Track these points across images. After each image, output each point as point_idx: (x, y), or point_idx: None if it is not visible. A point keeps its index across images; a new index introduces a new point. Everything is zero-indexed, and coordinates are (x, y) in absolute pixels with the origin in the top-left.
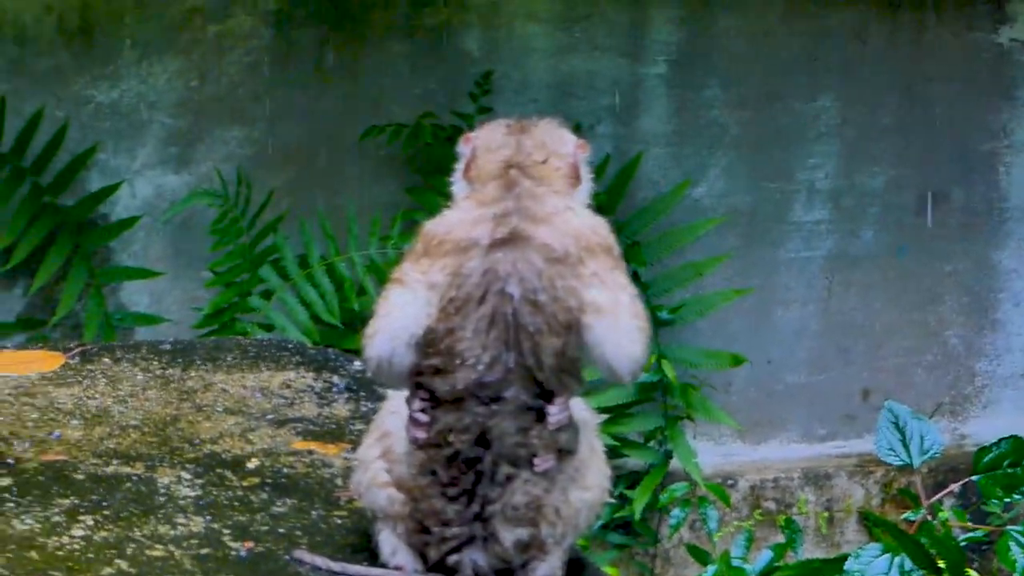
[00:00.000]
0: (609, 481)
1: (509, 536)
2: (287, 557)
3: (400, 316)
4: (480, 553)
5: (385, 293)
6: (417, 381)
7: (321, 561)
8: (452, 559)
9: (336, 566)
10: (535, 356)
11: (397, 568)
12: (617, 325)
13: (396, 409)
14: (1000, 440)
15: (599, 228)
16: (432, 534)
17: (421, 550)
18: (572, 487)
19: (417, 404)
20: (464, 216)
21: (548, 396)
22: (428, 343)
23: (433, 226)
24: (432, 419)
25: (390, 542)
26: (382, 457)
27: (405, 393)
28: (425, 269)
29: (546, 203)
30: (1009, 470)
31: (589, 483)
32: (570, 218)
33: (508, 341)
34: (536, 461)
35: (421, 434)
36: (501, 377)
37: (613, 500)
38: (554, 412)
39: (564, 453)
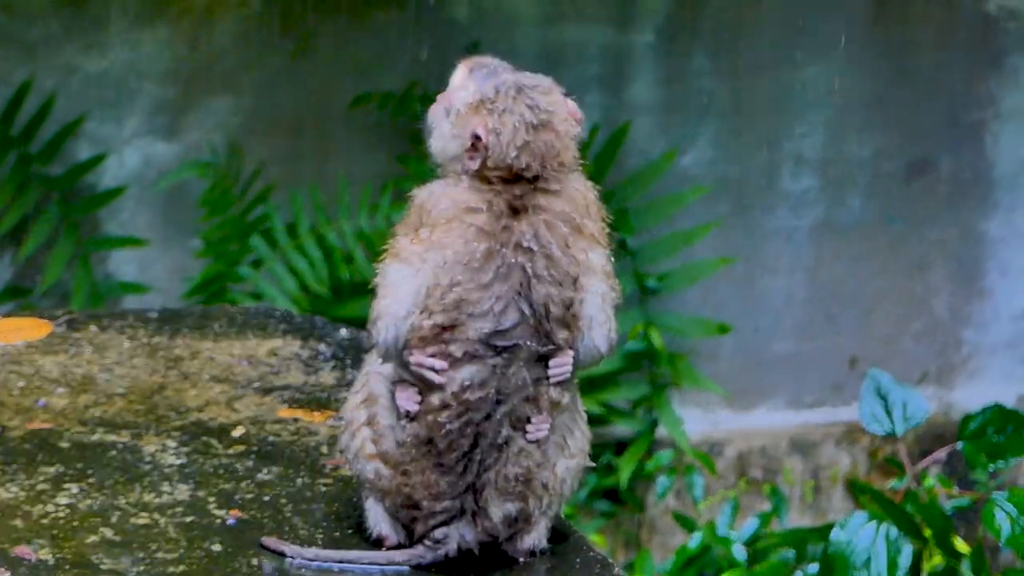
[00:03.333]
0: (589, 445)
1: (498, 511)
2: (258, 543)
3: (401, 298)
4: (468, 528)
5: (384, 270)
6: (419, 347)
7: (289, 550)
8: (438, 533)
9: (309, 553)
10: (545, 305)
11: (380, 539)
12: (603, 303)
13: (380, 370)
14: (985, 408)
15: (590, 192)
16: (421, 508)
17: (407, 523)
18: (559, 456)
19: (438, 364)
20: (466, 194)
21: (550, 351)
22: (431, 302)
23: (430, 198)
24: (444, 382)
25: (375, 511)
26: (368, 424)
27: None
28: (423, 239)
29: (558, 180)
30: (994, 437)
31: (573, 450)
32: (577, 184)
33: (521, 290)
34: (530, 428)
35: (413, 406)
36: (516, 323)
37: (595, 465)
38: (556, 364)
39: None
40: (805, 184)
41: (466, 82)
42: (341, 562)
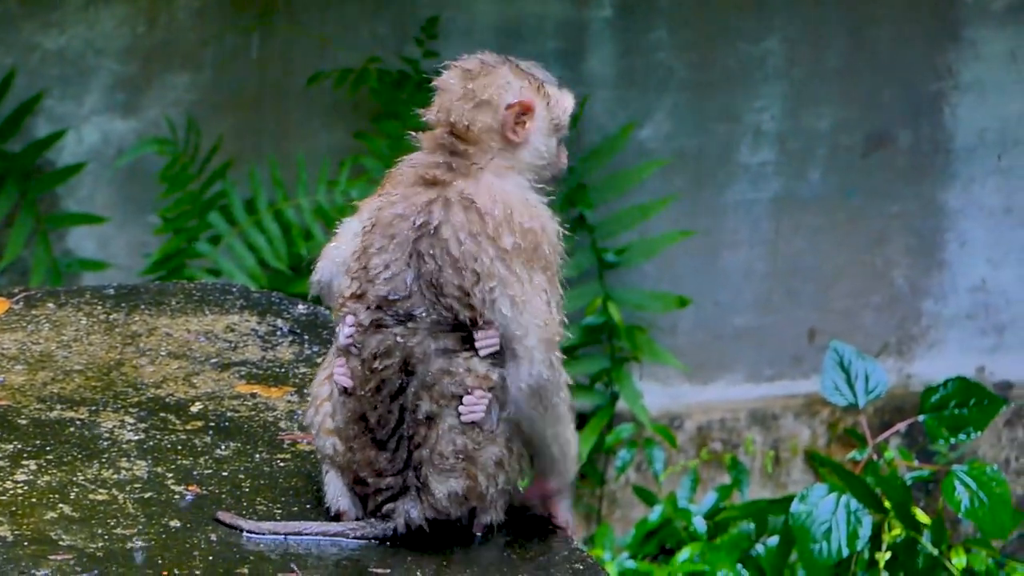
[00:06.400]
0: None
1: (441, 488)
2: (214, 517)
3: (342, 244)
4: (414, 504)
5: (345, 219)
6: (344, 312)
7: (245, 524)
8: (386, 508)
9: (264, 526)
10: (434, 282)
11: (339, 513)
12: (528, 337)
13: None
14: (947, 380)
15: (522, 210)
16: (368, 485)
17: (362, 497)
18: (516, 433)
19: (347, 330)
20: (415, 160)
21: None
22: (352, 265)
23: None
24: (359, 349)
25: (335, 486)
26: (329, 400)
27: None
28: (376, 196)
29: (484, 172)
30: (955, 410)
31: (509, 433)
32: (508, 190)
33: (410, 262)
34: (462, 408)
35: (347, 382)
36: (405, 294)
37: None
38: (481, 336)
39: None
40: (763, 157)
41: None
42: (296, 534)
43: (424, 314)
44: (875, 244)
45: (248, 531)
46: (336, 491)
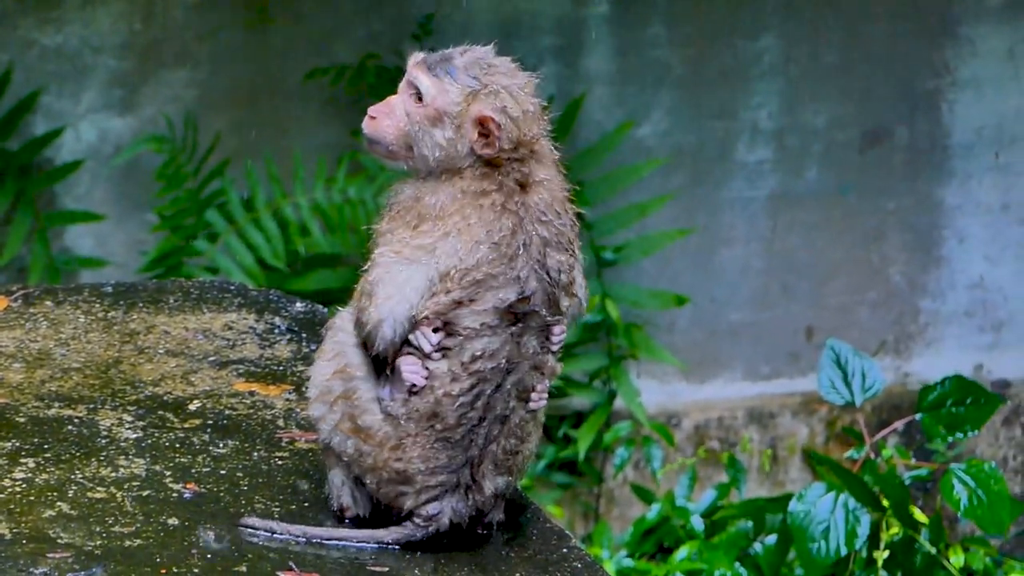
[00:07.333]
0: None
1: (491, 485)
2: (238, 525)
3: (405, 298)
4: (461, 502)
5: (383, 267)
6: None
7: (278, 527)
8: (432, 508)
9: (296, 530)
10: (558, 271)
11: (342, 509)
12: (580, 268)
13: (349, 333)
14: (944, 379)
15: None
16: (413, 483)
17: (390, 500)
18: (533, 435)
19: (433, 338)
20: (469, 182)
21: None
22: (450, 284)
23: (425, 194)
24: (450, 353)
25: (338, 481)
26: (345, 398)
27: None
28: (428, 232)
29: (542, 148)
30: (952, 409)
31: (537, 427)
32: (550, 148)
33: (540, 259)
34: (534, 395)
35: (420, 380)
36: (534, 291)
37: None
38: (558, 331)
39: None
40: (760, 155)
41: (438, 84)
42: (329, 539)
43: (542, 311)
44: (872, 241)
45: (279, 534)
46: (339, 487)
